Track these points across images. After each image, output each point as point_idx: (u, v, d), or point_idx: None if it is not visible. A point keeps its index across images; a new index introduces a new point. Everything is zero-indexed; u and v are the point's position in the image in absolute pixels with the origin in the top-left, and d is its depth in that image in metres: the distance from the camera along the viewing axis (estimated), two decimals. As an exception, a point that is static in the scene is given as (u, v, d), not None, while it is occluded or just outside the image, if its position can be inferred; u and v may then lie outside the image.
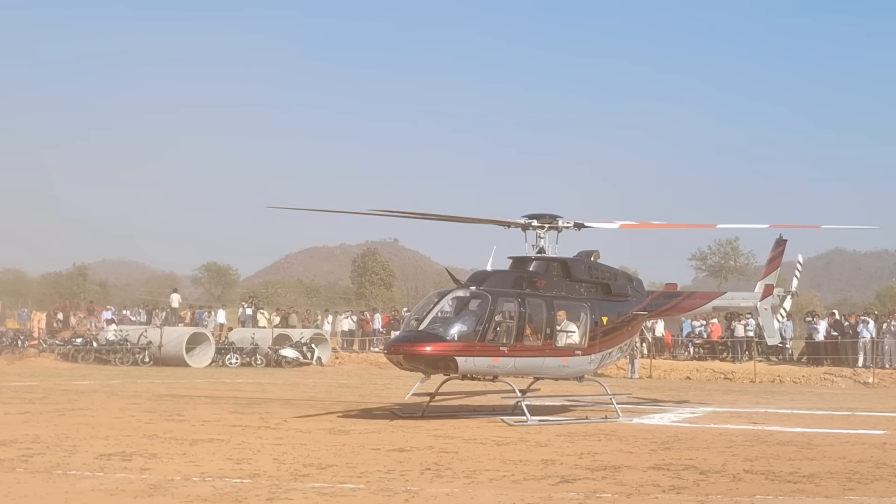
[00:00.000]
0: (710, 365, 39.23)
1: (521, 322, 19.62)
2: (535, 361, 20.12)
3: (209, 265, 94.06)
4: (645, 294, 23.20)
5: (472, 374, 19.62)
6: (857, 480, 12.40)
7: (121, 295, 73.72)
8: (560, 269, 21.04)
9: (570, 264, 21.19)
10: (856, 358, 37.62)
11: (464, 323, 19.20)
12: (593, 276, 21.55)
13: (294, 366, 41.95)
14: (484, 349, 19.17)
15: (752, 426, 19.60)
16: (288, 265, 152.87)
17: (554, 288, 20.59)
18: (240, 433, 16.59)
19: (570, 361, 20.59)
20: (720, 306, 26.54)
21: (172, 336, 42.63)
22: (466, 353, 18.93)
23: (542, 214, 21.23)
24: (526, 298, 19.86)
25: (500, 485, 11.67)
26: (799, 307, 53.21)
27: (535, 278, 20.52)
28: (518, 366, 19.91)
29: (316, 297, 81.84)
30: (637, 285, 23.04)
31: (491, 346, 19.26)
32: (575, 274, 21.11)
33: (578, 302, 20.84)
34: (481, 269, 20.76)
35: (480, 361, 19.23)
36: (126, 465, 12.75)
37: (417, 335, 19.10)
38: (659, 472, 12.91)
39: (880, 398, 28.88)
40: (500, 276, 20.40)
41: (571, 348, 20.52)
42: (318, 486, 11.38)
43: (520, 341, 19.62)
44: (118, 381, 30.28)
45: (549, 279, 20.69)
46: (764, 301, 24.67)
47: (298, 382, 32.21)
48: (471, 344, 19.00)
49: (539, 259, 20.97)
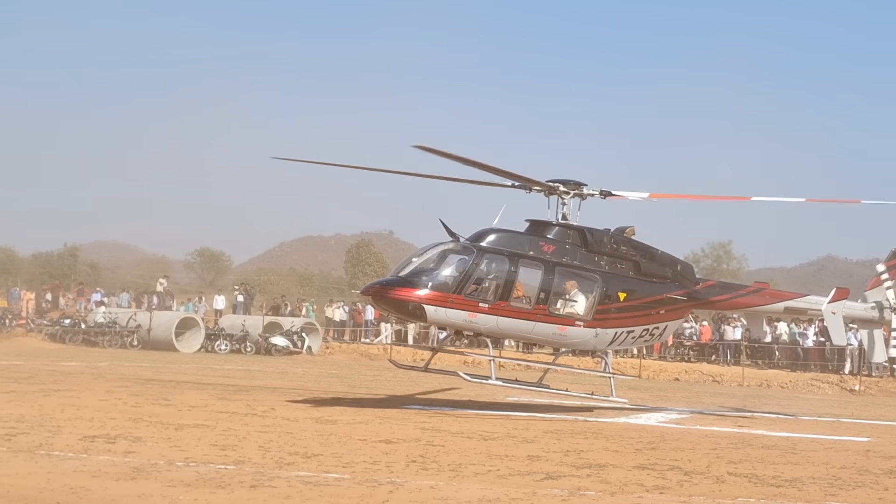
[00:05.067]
0: (698, 367, 39.35)
1: (508, 281, 19.42)
2: (523, 324, 19.82)
3: (202, 250, 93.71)
4: (693, 281, 22.24)
5: (445, 325, 19.74)
6: (840, 486, 12.44)
7: (112, 277, 73.52)
8: (576, 238, 20.51)
9: (588, 234, 20.59)
10: (843, 365, 37.81)
11: (442, 274, 19.24)
12: (619, 250, 20.88)
13: (284, 354, 41.93)
14: (460, 302, 19.13)
15: (738, 429, 19.65)
16: (282, 253, 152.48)
17: (564, 255, 20.16)
18: (226, 419, 16.57)
19: (568, 331, 20.13)
20: (795, 308, 23.53)
21: (162, 320, 42.56)
22: (438, 303, 19.02)
23: (566, 180, 20.76)
24: (519, 258, 19.62)
25: (484, 479, 11.68)
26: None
27: (542, 242, 20.16)
28: (502, 326, 19.69)
29: (309, 286, 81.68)
30: (684, 270, 22.18)
31: (469, 300, 19.19)
32: (593, 245, 20.53)
33: (587, 272, 20.29)
34: (489, 227, 20.30)
35: (454, 314, 19.21)
36: (110, 448, 12.72)
37: (392, 280, 19.61)
38: (643, 471, 12.92)
39: (865, 405, 28.98)
40: (504, 234, 20.07)
41: (571, 318, 20.07)
42: (303, 474, 11.37)
43: (505, 300, 19.43)
44: (105, 364, 30.23)
45: (560, 245, 20.24)
46: (832, 305, 22.67)
47: (287, 371, 32.19)
48: (444, 295, 19.05)
49: (556, 224, 20.54)
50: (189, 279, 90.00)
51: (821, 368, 38.04)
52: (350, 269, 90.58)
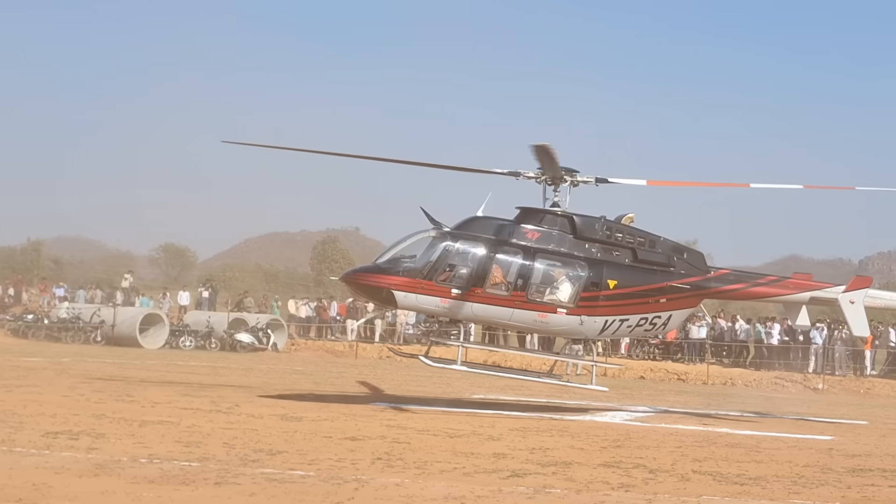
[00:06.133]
0: (663, 365, 39.50)
1: (482, 267, 19.44)
2: (500, 311, 19.73)
3: (167, 246, 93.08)
4: (703, 269, 21.34)
5: (417, 311, 20.10)
6: (803, 485, 12.52)
7: (75, 273, 72.94)
8: (564, 225, 20.25)
9: (577, 220, 20.29)
10: (807, 364, 38.11)
11: (413, 260, 19.45)
12: (612, 237, 20.44)
13: (249, 351, 41.71)
14: (431, 288, 19.28)
15: (703, 427, 19.74)
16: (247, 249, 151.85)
17: (550, 242, 19.95)
18: (190, 416, 16.46)
19: (550, 318, 19.90)
20: (823, 298, 22.13)
21: (126, 316, 42.24)
22: (407, 289, 19.27)
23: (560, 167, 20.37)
24: (496, 245, 19.59)
25: (450, 476, 11.66)
26: (754, 312, 53.70)
27: (526, 229, 20.03)
28: (477, 312, 19.71)
29: (274, 282, 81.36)
30: (692, 258, 21.38)
31: (441, 286, 19.32)
32: (583, 231, 20.20)
33: (572, 259, 20.01)
34: (475, 215, 20.22)
35: (425, 300, 19.42)
36: (73, 444, 12.61)
37: (365, 267, 20.34)
38: (609, 469, 12.96)
39: (829, 404, 29.21)
40: (486, 221, 20.01)
41: (553, 305, 19.86)
42: (268, 471, 11.32)
43: (480, 287, 19.44)
44: (68, 360, 29.98)
45: (546, 232, 20.03)
46: (850, 294, 21.72)
47: (253, 367, 32.04)
48: (415, 281, 19.27)
49: (543, 211, 20.35)
50: (154, 275, 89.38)
51: (785, 367, 38.29)
52: (316, 266, 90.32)
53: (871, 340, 38.14)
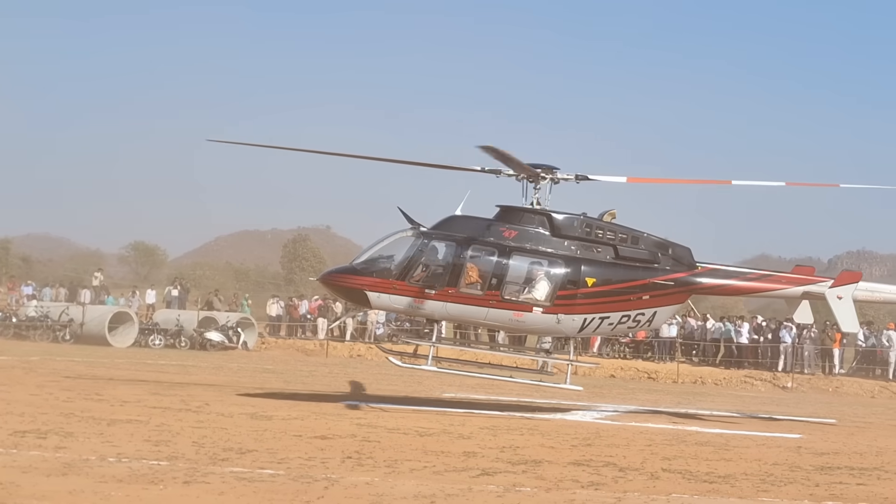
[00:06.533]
0: (634, 364, 39.63)
1: (456, 267, 19.44)
2: (475, 310, 19.69)
3: (136, 244, 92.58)
4: (689, 265, 20.81)
5: (391, 311, 20.23)
6: (771, 482, 12.61)
7: (44, 271, 72.39)
8: (542, 222, 20.09)
9: (555, 218, 20.15)
10: (776, 362, 38.38)
11: (388, 261, 19.59)
12: (592, 234, 20.20)
13: (219, 349, 41.51)
14: (403, 288, 19.39)
15: (672, 426, 19.83)
16: (218, 247, 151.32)
17: (527, 240, 19.82)
18: (160, 415, 16.38)
19: (526, 317, 19.77)
20: (816, 293, 21.26)
21: (95, 314, 41.92)
22: (380, 289, 19.45)
23: (538, 164, 20.29)
24: (471, 244, 19.56)
25: (420, 475, 11.66)
26: (724, 310, 54.06)
27: (503, 227, 19.91)
28: (451, 311, 19.73)
29: (245, 280, 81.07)
30: (678, 253, 20.83)
31: (413, 286, 19.41)
32: (560, 229, 20.04)
33: (548, 257, 19.84)
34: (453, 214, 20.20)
35: (398, 300, 19.60)
36: (41, 443, 12.52)
37: (341, 268, 20.56)
38: (579, 467, 12.99)
39: (798, 403, 29.41)
40: (463, 220, 19.99)
41: (528, 303, 19.72)
42: (237, 470, 11.28)
43: (454, 286, 19.44)
44: (37, 358, 29.73)
45: (523, 230, 19.88)
46: (837, 289, 21.01)
47: (223, 366, 31.89)
48: (387, 281, 19.42)
49: (520, 209, 20.22)
50: (123, 273, 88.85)
51: (754, 366, 38.54)
52: (287, 265, 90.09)
53: (840, 339, 38.48)
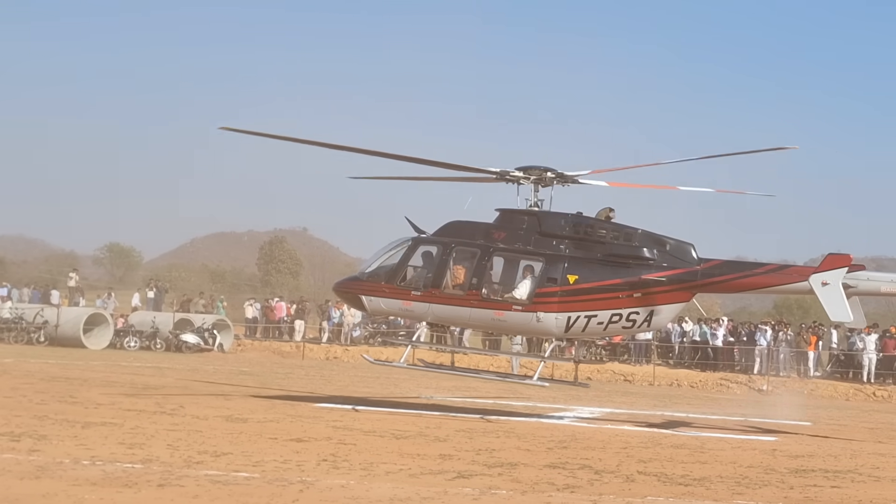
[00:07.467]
0: (610, 366, 39.72)
1: (439, 269, 19.79)
2: (459, 311, 19.97)
3: (111, 246, 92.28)
4: (689, 261, 20.01)
5: (384, 314, 21.33)
6: (746, 485, 12.65)
7: (18, 272, 71.96)
8: (532, 223, 19.99)
9: (542, 217, 20.07)
10: (752, 365, 38.58)
11: (382, 266, 20.31)
12: (580, 232, 19.90)
13: (195, 351, 41.38)
14: (393, 291, 20.00)
15: (648, 428, 19.88)
16: (194, 249, 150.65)
17: (516, 241, 19.81)
18: (134, 417, 16.30)
19: (507, 316, 19.74)
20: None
21: (70, 316, 41.70)
22: (373, 293, 20.23)
23: (528, 166, 20.20)
24: (456, 247, 19.82)
25: (396, 478, 11.64)
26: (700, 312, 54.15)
27: (492, 230, 20.04)
28: (437, 312, 20.06)
29: (221, 282, 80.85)
30: (677, 250, 20.06)
31: (402, 289, 20.01)
32: (548, 228, 19.90)
33: (530, 256, 19.74)
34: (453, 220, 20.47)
35: (390, 303, 20.38)
36: (14, 446, 12.43)
37: (350, 276, 22.05)
38: (554, 470, 13.01)
39: (773, 405, 29.52)
40: (461, 225, 20.20)
41: (508, 303, 19.67)
42: (212, 473, 11.23)
43: (437, 288, 19.73)
44: (11, 360, 29.53)
45: (513, 232, 19.89)
46: (821, 275, 19.38)
47: (198, 368, 31.78)
48: (378, 285, 20.12)
49: (510, 211, 20.29)
50: (98, 275, 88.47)
51: (729, 368, 38.73)
52: (263, 266, 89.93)
53: (815, 342, 38.71)
